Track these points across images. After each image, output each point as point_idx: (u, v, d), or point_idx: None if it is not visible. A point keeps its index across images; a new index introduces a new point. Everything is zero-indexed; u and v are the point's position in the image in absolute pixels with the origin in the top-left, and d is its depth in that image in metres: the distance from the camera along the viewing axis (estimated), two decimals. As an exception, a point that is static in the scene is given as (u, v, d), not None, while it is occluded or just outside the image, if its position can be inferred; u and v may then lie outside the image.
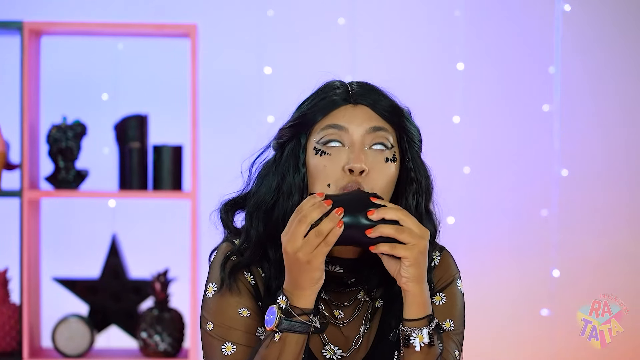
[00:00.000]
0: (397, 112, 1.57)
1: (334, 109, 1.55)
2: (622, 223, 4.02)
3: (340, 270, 1.55)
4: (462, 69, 3.96)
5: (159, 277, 3.10)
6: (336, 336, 1.57)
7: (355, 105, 1.55)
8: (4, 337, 3.05)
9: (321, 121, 1.54)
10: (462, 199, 3.93)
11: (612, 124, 4.02)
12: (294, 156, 1.55)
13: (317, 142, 1.53)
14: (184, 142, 3.16)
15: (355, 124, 1.53)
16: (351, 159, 1.50)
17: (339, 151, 1.52)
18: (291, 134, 1.56)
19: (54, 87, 3.67)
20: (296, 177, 1.54)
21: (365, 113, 1.55)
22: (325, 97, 1.56)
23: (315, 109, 1.55)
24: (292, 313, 1.43)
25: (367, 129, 1.53)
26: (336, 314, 1.57)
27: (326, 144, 1.52)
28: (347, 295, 1.58)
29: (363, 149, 1.52)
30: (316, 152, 1.53)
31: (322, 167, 1.51)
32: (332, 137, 1.52)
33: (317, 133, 1.54)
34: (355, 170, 1.49)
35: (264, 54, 3.91)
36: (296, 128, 1.56)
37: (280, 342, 1.43)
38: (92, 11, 3.81)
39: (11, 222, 3.32)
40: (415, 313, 1.45)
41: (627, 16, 4.03)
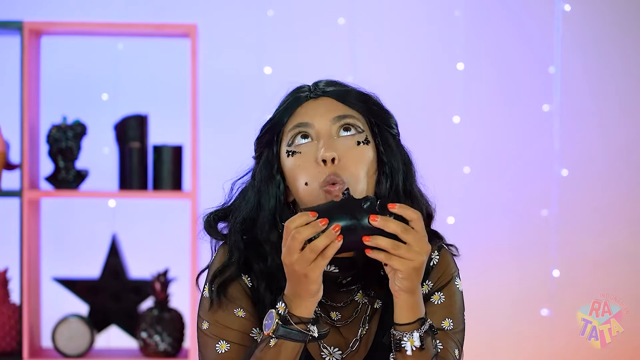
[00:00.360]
0: (363, 98, 1.56)
1: (297, 106, 1.55)
2: (622, 223, 4.02)
3: (336, 270, 1.54)
4: (462, 69, 3.96)
5: (159, 277, 3.10)
6: (334, 337, 1.57)
7: (317, 98, 1.55)
8: (4, 337, 3.05)
9: (288, 123, 1.54)
10: (462, 199, 3.93)
11: (612, 124, 4.02)
12: (267, 166, 1.55)
13: (287, 146, 1.53)
14: (184, 142, 3.16)
15: (318, 115, 1.53)
16: (321, 150, 1.49)
17: (308, 147, 1.51)
18: (265, 144, 1.57)
19: (54, 87, 3.67)
20: (271, 187, 1.54)
21: (328, 104, 1.54)
22: (287, 99, 1.57)
23: (280, 112, 1.56)
24: (289, 321, 1.42)
25: (332, 119, 1.52)
26: (333, 316, 1.57)
27: (294, 144, 1.52)
28: (344, 295, 1.57)
29: (331, 137, 1.51)
30: (288, 155, 1.53)
31: (297, 166, 1.51)
32: (300, 133, 1.52)
33: (285, 137, 1.54)
34: (327, 159, 1.48)
35: (264, 54, 3.91)
36: (268, 136, 1.56)
37: (276, 348, 1.42)
38: (92, 11, 3.81)
39: (11, 222, 3.32)
40: (406, 317, 1.44)
41: (627, 16, 4.03)
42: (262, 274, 1.54)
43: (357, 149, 1.51)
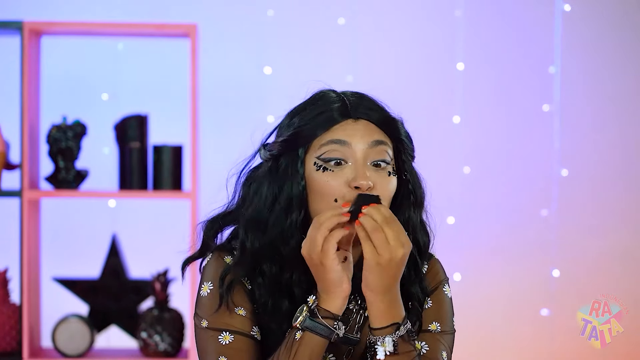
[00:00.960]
0: (394, 124, 1.56)
1: (334, 124, 1.53)
2: (622, 223, 4.02)
3: None
4: (462, 69, 3.96)
5: (159, 277, 3.10)
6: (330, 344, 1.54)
7: (356, 120, 1.54)
8: (4, 337, 3.05)
9: (321, 136, 1.53)
10: (462, 199, 3.93)
11: (612, 124, 4.02)
12: (293, 169, 1.53)
13: (317, 158, 1.52)
14: (184, 142, 3.16)
15: (357, 138, 1.52)
16: (357, 176, 1.49)
17: (342, 168, 1.51)
18: (287, 147, 1.54)
19: (54, 87, 3.67)
20: (295, 190, 1.53)
21: (365, 127, 1.53)
22: (323, 112, 1.54)
23: (314, 123, 1.53)
24: (317, 314, 1.44)
25: (369, 144, 1.52)
26: None
27: (328, 161, 1.51)
28: None
29: (366, 164, 1.51)
30: (318, 168, 1.51)
31: (325, 182, 1.50)
32: (335, 154, 1.51)
33: (317, 148, 1.52)
34: (362, 187, 1.48)
35: (264, 54, 3.91)
36: (294, 142, 1.54)
37: (301, 341, 1.44)
38: (92, 11, 3.81)
39: (11, 222, 3.32)
40: (379, 322, 1.45)
41: (627, 16, 4.03)
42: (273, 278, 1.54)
43: (388, 179, 1.52)
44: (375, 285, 1.43)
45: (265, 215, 1.54)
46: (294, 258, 1.52)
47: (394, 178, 1.53)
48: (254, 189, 1.57)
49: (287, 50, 3.94)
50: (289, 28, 3.95)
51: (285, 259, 1.53)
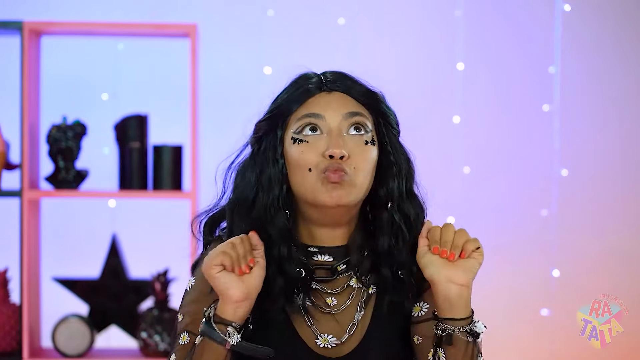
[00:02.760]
0: (373, 96, 1.58)
1: (308, 97, 1.56)
2: (622, 223, 4.02)
3: (330, 259, 1.57)
4: (462, 69, 3.96)
5: (159, 277, 3.10)
6: (330, 325, 1.57)
7: (330, 92, 1.56)
8: (4, 337, 3.05)
9: (297, 111, 1.55)
10: (462, 199, 3.93)
11: (612, 124, 4.02)
12: (271, 148, 1.56)
13: (294, 132, 1.54)
14: (184, 142, 3.16)
15: (331, 110, 1.54)
16: (330, 145, 1.50)
17: (317, 139, 1.52)
18: (268, 127, 1.57)
19: (54, 87, 3.67)
20: (275, 169, 1.54)
21: (340, 99, 1.55)
22: (299, 87, 1.57)
23: (290, 98, 1.56)
24: (211, 319, 1.46)
25: (344, 115, 1.53)
26: (329, 302, 1.57)
27: (302, 132, 1.53)
28: (339, 282, 1.58)
29: (341, 134, 1.52)
30: (294, 142, 1.53)
31: (300, 153, 1.52)
32: (309, 125, 1.53)
33: (293, 123, 1.54)
34: (335, 155, 1.49)
35: (264, 54, 3.91)
36: (272, 120, 1.57)
37: (200, 346, 1.46)
38: (92, 11, 3.81)
39: (11, 222, 3.32)
40: (464, 311, 1.50)
41: (627, 16, 4.03)
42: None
43: (365, 148, 1.53)
44: (469, 279, 1.49)
45: (250, 197, 1.56)
46: (280, 234, 1.54)
47: (372, 147, 1.54)
48: (240, 176, 1.59)
49: (287, 50, 3.94)
50: (289, 28, 3.95)
51: (271, 236, 1.54)
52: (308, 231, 1.58)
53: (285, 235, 1.54)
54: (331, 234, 1.57)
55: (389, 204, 1.56)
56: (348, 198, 1.51)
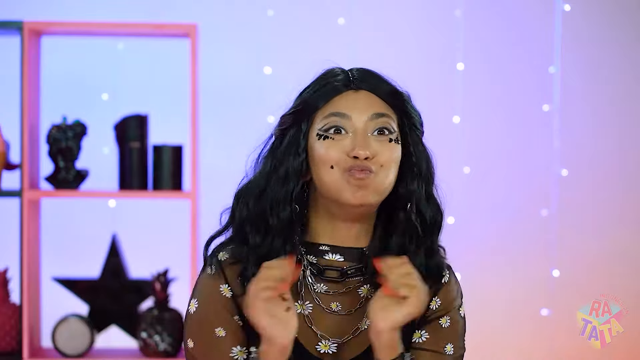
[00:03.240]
0: (399, 97, 1.58)
1: (335, 95, 1.55)
2: (622, 223, 4.02)
3: (341, 259, 1.56)
4: (462, 69, 3.96)
5: (159, 277, 3.10)
6: (333, 329, 1.56)
7: (357, 90, 1.56)
8: (4, 337, 3.05)
9: (323, 108, 1.54)
10: (462, 199, 3.93)
11: (612, 124, 4.02)
12: (295, 142, 1.55)
13: (319, 129, 1.53)
14: (184, 142, 3.16)
15: (357, 110, 1.53)
16: (356, 145, 1.50)
17: (342, 137, 1.52)
18: (292, 120, 1.56)
19: (54, 87, 3.67)
20: (295, 162, 1.54)
21: (367, 98, 1.55)
22: (326, 84, 1.56)
23: (316, 95, 1.55)
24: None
25: (370, 116, 1.53)
26: (333, 306, 1.56)
27: (328, 131, 1.52)
28: (345, 284, 1.57)
29: (366, 135, 1.52)
30: (319, 138, 1.53)
31: (324, 149, 1.51)
32: (335, 124, 1.52)
33: (319, 120, 1.54)
34: (360, 157, 1.49)
35: (264, 54, 3.91)
36: (298, 115, 1.55)
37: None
38: (92, 11, 3.81)
39: (11, 222, 3.32)
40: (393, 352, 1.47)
41: (627, 16, 4.03)
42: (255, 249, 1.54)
43: (390, 146, 1.53)
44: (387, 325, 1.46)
45: (262, 185, 1.55)
46: (281, 227, 1.53)
47: (397, 146, 1.54)
48: (258, 164, 1.58)
49: (287, 50, 3.94)
50: (289, 28, 3.95)
51: (270, 227, 1.53)
52: (322, 227, 1.56)
53: (286, 229, 1.53)
54: (346, 232, 1.56)
55: (407, 204, 1.56)
56: (372, 198, 1.51)
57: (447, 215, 3.04)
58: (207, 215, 1.68)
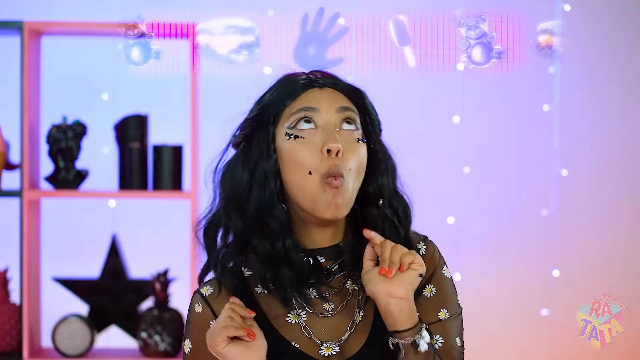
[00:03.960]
0: (358, 93, 1.59)
1: (300, 92, 1.56)
2: (622, 223, 4.02)
3: (323, 259, 1.57)
4: (462, 69, 3.96)
5: (159, 277, 3.10)
6: (328, 332, 1.56)
7: (321, 87, 1.57)
8: (4, 337, 3.05)
9: (290, 106, 1.55)
10: (462, 199, 3.93)
11: (612, 124, 4.02)
12: (264, 144, 1.55)
13: (288, 127, 1.54)
14: (184, 142, 3.16)
15: (325, 104, 1.54)
16: (328, 139, 1.51)
17: (312, 134, 1.52)
18: (257, 124, 1.57)
19: (54, 87, 3.67)
20: (269, 164, 1.54)
21: (332, 94, 1.57)
22: (290, 84, 1.57)
23: (281, 94, 1.56)
24: None
25: (337, 109, 1.55)
26: (326, 307, 1.57)
27: (298, 127, 1.53)
28: (333, 283, 1.57)
29: (334, 129, 1.53)
30: (289, 137, 1.53)
31: (298, 151, 1.52)
32: (305, 116, 1.53)
33: (287, 118, 1.55)
34: (333, 150, 1.50)
35: (264, 54, 3.90)
36: (262, 117, 1.57)
37: None
38: (92, 11, 3.80)
39: (11, 222, 3.32)
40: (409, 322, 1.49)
41: (627, 16, 4.03)
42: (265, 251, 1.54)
43: (357, 145, 1.54)
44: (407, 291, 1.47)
45: (244, 194, 1.55)
46: (281, 226, 1.54)
47: (363, 145, 1.55)
48: (229, 174, 1.58)
49: (287, 51, 3.94)
50: (289, 28, 3.95)
51: (273, 229, 1.54)
52: (297, 230, 1.57)
53: (286, 227, 1.54)
54: (320, 235, 1.57)
55: (379, 200, 1.57)
56: (344, 210, 1.52)
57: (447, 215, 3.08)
58: (207, 215, 1.69)
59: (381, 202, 1.57)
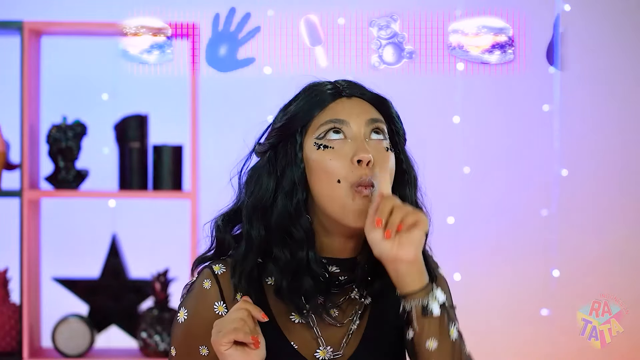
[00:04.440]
0: (385, 102, 1.58)
1: (328, 103, 1.55)
2: (622, 223, 4.02)
3: (337, 270, 1.55)
4: (462, 69, 3.96)
5: (159, 277, 3.11)
6: (330, 336, 1.56)
7: (349, 97, 1.56)
8: (4, 337, 3.05)
9: (318, 117, 1.54)
10: (462, 199, 3.93)
11: (612, 124, 4.02)
12: (292, 153, 1.54)
13: (317, 138, 1.52)
14: (184, 142, 3.16)
15: (354, 115, 1.53)
16: (358, 150, 1.49)
17: (342, 144, 1.51)
18: (284, 133, 1.55)
19: (54, 87, 3.67)
20: (296, 173, 1.53)
21: (360, 105, 1.56)
22: (317, 94, 1.55)
23: (309, 104, 1.54)
24: None
25: (367, 121, 1.53)
26: (332, 313, 1.56)
27: (327, 137, 1.52)
28: (342, 294, 1.57)
29: (364, 140, 1.52)
30: (318, 147, 1.52)
31: (328, 160, 1.50)
32: (334, 127, 1.52)
33: (315, 129, 1.53)
34: (364, 160, 1.48)
35: (264, 54, 3.90)
36: (290, 126, 1.55)
37: None
38: (92, 11, 3.80)
39: (11, 222, 3.32)
40: (419, 282, 1.46)
41: (627, 16, 4.03)
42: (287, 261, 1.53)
43: (387, 154, 1.53)
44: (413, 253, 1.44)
45: (269, 202, 1.54)
46: (306, 237, 1.52)
47: (391, 154, 1.54)
48: (254, 181, 1.56)
49: (287, 51, 3.94)
50: (289, 28, 3.95)
51: (296, 239, 1.52)
52: (320, 240, 1.56)
53: (311, 238, 1.53)
54: (342, 245, 1.55)
55: None
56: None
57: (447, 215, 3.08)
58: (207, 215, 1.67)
59: None
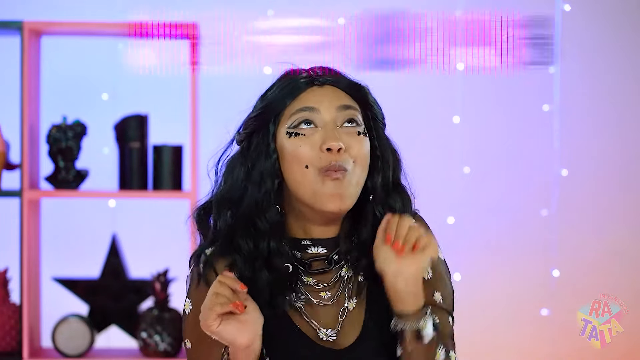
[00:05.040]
0: (360, 89, 1.59)
1: (301, 92, 1.56)
2: (622, 223, 4.02)
3: (324, 251, 1.57)
4: (462, 69, 3.96)
5: (159, 277, 3.11)
6: (327, 319, 1.57)
7: (322, 86, 1.57)
8: (4, 337, 3.05)
9: (290, 106, 1.55)
10: (462, 199, 3.93)
11: (612, 124, 4.02)
12: (264, 144, 1.56)
13: (288, 127, 1.54)
14: (184, 142, 3.16)
15: (325, 103, 1.54)
16: (327, 138, 1.51)
17: (312, 132, 1.53)
18: (258, 123, 1.57)
19: (54, 87, 3.67)
20: (267, 163, 1.55)
21: (332, 92, 1.57)
22: (290, 82, 1.57)
23: (281, 94, 1.56)
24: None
25: (338, 107, 1.55)
26: (323, 295, 1.57)
27: (298, 127, 1.53)
28: (332, 273, 1.58)
29: (336, 127, 1.53)
30: (289, 136, 1.54)
31: (298, 147, 1.52)
32: (305, 118, 1.53)
33: (287, 119, 1.55)
34: (333, 148, 1.50)
35: (264, 54, 3.90)
36: (264, 116, 1.57)
37: None
38: (92, 11, 3.81)
39: (11, 222, 3.32)
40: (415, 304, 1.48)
41: (627, 16, 4.03)
42: (249, 252, 1.54)
43: (359, 138, 1.54)
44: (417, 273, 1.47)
45: (239, 192, 1.56)
46: (270, 228, 1.54)
47: (365, 138, 1.55)
48: (228, 171, 1.59)
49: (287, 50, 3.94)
50: (290, 28, 3.95)
51: (261, 230, 1.54)
52: (300, 225, 1.57)
53: (276, 230, 1.54)
54: (321, 231, 1.57)
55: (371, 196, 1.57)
56: (349, 201, 1.52)
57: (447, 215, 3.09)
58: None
59: (372, 198, 1.56)
